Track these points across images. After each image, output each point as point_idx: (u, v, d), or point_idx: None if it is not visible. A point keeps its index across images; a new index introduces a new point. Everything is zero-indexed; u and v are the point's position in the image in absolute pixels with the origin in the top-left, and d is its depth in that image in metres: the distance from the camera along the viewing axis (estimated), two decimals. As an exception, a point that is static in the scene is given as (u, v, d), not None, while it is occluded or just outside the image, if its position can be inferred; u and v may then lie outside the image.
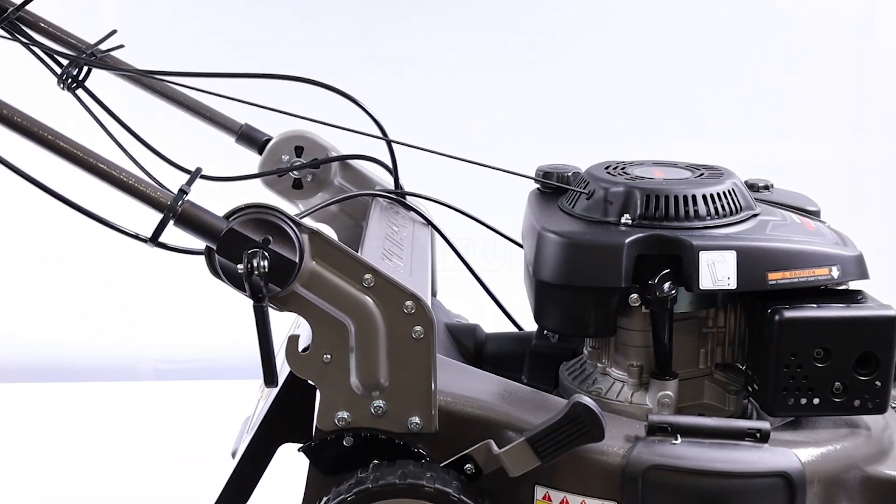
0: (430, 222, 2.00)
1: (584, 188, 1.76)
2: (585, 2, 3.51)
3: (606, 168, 1.80)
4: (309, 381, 1.60)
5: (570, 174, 1.84)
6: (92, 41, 1.96)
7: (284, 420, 1.69)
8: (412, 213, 2.01)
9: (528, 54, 3.53)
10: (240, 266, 1.47)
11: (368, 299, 1.55)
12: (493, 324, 2.10)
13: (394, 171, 2.00)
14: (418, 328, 1.56)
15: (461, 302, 2.19)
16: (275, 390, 1.69)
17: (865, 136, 3.67)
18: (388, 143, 1.96)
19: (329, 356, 1.57)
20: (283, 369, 1.67)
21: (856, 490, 1.62)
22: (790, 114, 3.58)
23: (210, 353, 3.49)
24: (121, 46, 1.89)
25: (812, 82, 3.57)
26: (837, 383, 1.63)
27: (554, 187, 1.85)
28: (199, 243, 1.52)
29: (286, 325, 1.89)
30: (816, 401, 1.63)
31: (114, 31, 1.91)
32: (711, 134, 3.58)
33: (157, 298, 3.48)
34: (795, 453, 1.58)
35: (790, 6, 3.53)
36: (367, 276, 1.55)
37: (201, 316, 3.34)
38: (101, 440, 2.85)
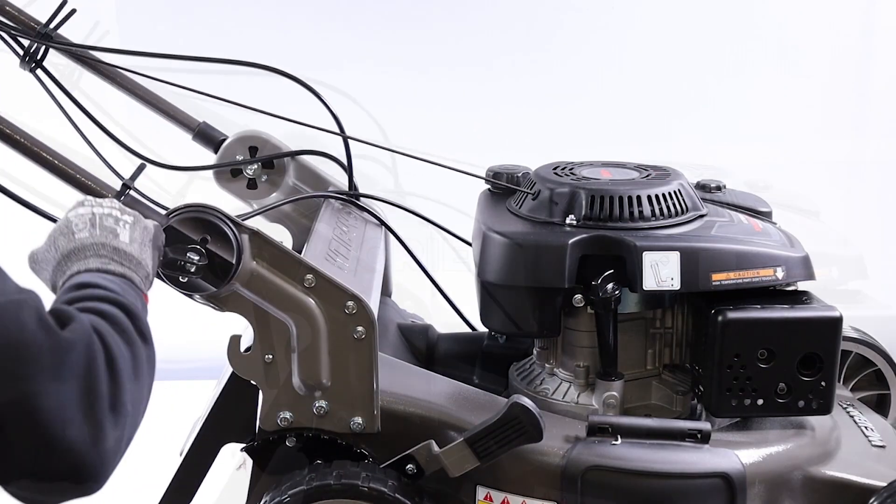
0: (382, 222, 2.00)
1: (531, 189, 1.76)
2: (581, 4, 3.50)
3: (554, 169, 1.80)
4: (251, 382, 1.60)
5: (519, 175, 1.84)
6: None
7: (228, 420, 1.69)
8: (365, 214, 2.01)
9: (518, 57, 3.52)
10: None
11: (310, 300, 1.55)
12: (451, 325, 2.10)
13: (348, 170, 2.00)
14: (360, 328, 1.56)
15: (417, 302, 2.19)
16: (219, 391, 1.70)
17: (865, 136, 3.65)
18: (345, 139, 1.96)
19: (271, 356, 1.57)
20: (226, 369, 1.68)
21: (799, 490, 1.62)
22: (790, 114, 3.57)
23: (210, 353, 3.48)
24: (73, 11, 1.89)
25: (812, 82, 3.55)
26: (781, 384, 1.63)
27: (503, 188, 1.85)
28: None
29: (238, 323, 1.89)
30: (760, 402, 1.63)
31: (64, 3, 1.90)
32: (711, 134, 3.57)
33: (156, 298, 3.46)
34: (737, 454, 1.58)
35: (790, 7, 3.52)
36: (309, 276, 1.55)
37: (201, 316, 3.33)
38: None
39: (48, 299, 1.09)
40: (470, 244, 1.95)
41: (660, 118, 3.48)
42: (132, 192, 1.54)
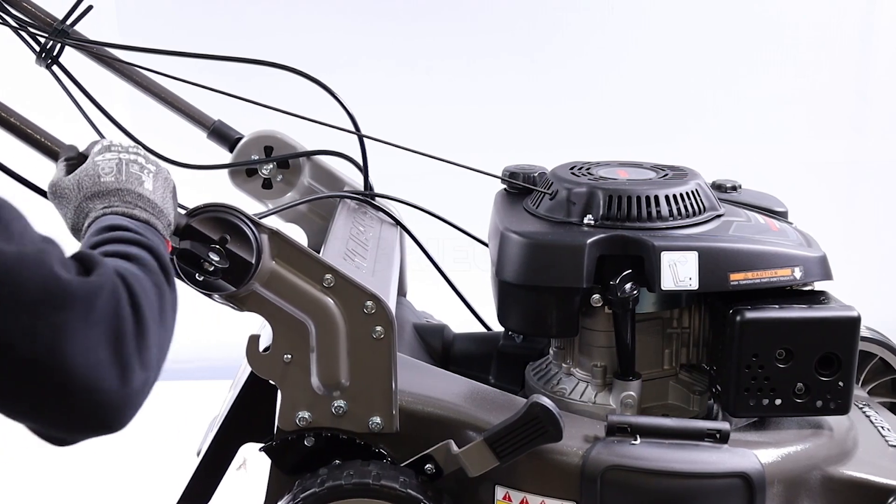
0: (398, 222, 2.00)
1: (548, 189, 1.76)
2: (581, 5, 3.51)
3: (571, 169, 1.80)
4: (270, 382, 1.60)
5: (536, 175, 1.84)
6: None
7: (247, 419, 1.70)
8: (380, 213, 2.01)
9: (518, 58, 3.53)
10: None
11: (329, 299, 1.55)
12: (463, 324, 2.10)
13: (364, 170, 2.00)
14: (378, 328, 1.56)
15: (432, 302, 2.19)
16: (237, 390, 1.70)
17: (865, 136, 3.66)
18: (360, 137, 1.96)
19: (290, 356, 1.57)
20: (244, 369, 1.68)
21: (817, 490, 1.62)
22: (790, 114, 3.58)
23: (210, 353, 3.48)
24: (90, 8, 1.88)
25: (812, 83, 3.56)
26: (799, 384, 1.63)
27: (520, 188, 1.85)
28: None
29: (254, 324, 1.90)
30: (778, 401, 1.63)
31: (81, 2, 1.90)
32: (712, 135, 3.58)
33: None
34: (755, 454, 1.58)
35: (790, 7, 3.52)
36: (328, 276, 1.55)
37: (200, 316, 3.33)
38: (100, 440, 2.84)
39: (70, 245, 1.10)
40: (485, 244, 1.96)
41: (659, 120, 3.49)
42: None
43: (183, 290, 1.52)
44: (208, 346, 3.46)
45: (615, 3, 3.52)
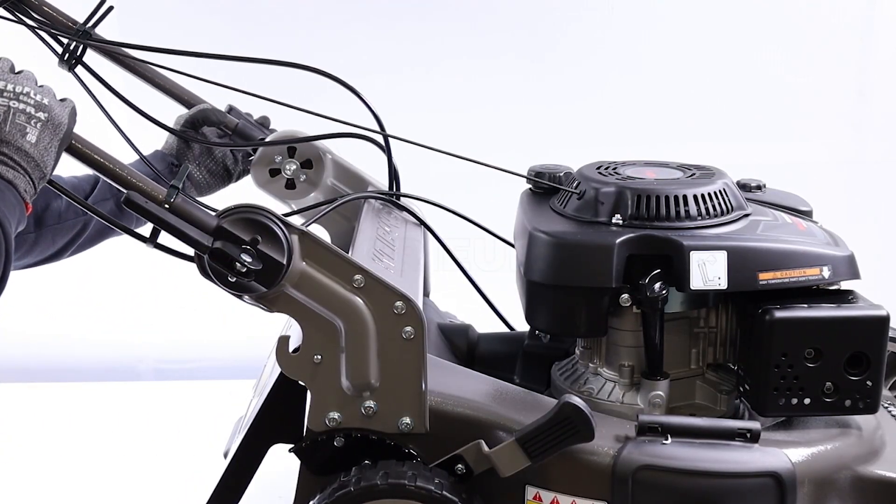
0: (422, 222, 2.00)
1: (576, 188, 1.76)
2: (583, 4, 3.50)
3: (598, 168, 1.80)
4: (300, 382, 1.60)
5: (561, 174, 1.84)
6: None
7: (276, 420, 1.70)
8: (405, 214, 2.01)
9: (526, 57, 3.52)
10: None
11: (359, 300, 1.55)
12: (486, 324, 2.10)
13: (389, 169, 2.00)
14: (409, 328, 1.56)
15: (455, 302, 2.19)
16: (267, 390, 1.70)
17: (865, 135, 3.66)
18: (385, 137, 1.96)
19: (319, 357, 1.57)
20: (273, 370, 1.68)
21: (846, 490, 1.62)
22: (790, 114, 3.57)
23: (210, 353, 3.48)
24: (111, 9, 1.88)
25: (812, 82, 3.55)
26: (828, 383, 1.63)
27: (546, 187, 1.85)
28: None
29: (279, 325, 1.90)
30: (807, 401, 1.63)
31: (103, 3, 1.90)
32: (712, 135, 3.57)
33: (157, 298, 3.48)
34: (786, 453, 1.58)
35: (791, 7, 3.52)
36: (357, 276, 1.55)
37: (201, 316, 3.34)
38: (101, 440, 2.85)
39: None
40: (509, 243, 1.96)
41: (660, 119, 3.48)
42: (181, 195, 1.53)
43: (183, 290, 1.52)
44: (215, 345, 3.47)
45: (619, 2, 3.52)
